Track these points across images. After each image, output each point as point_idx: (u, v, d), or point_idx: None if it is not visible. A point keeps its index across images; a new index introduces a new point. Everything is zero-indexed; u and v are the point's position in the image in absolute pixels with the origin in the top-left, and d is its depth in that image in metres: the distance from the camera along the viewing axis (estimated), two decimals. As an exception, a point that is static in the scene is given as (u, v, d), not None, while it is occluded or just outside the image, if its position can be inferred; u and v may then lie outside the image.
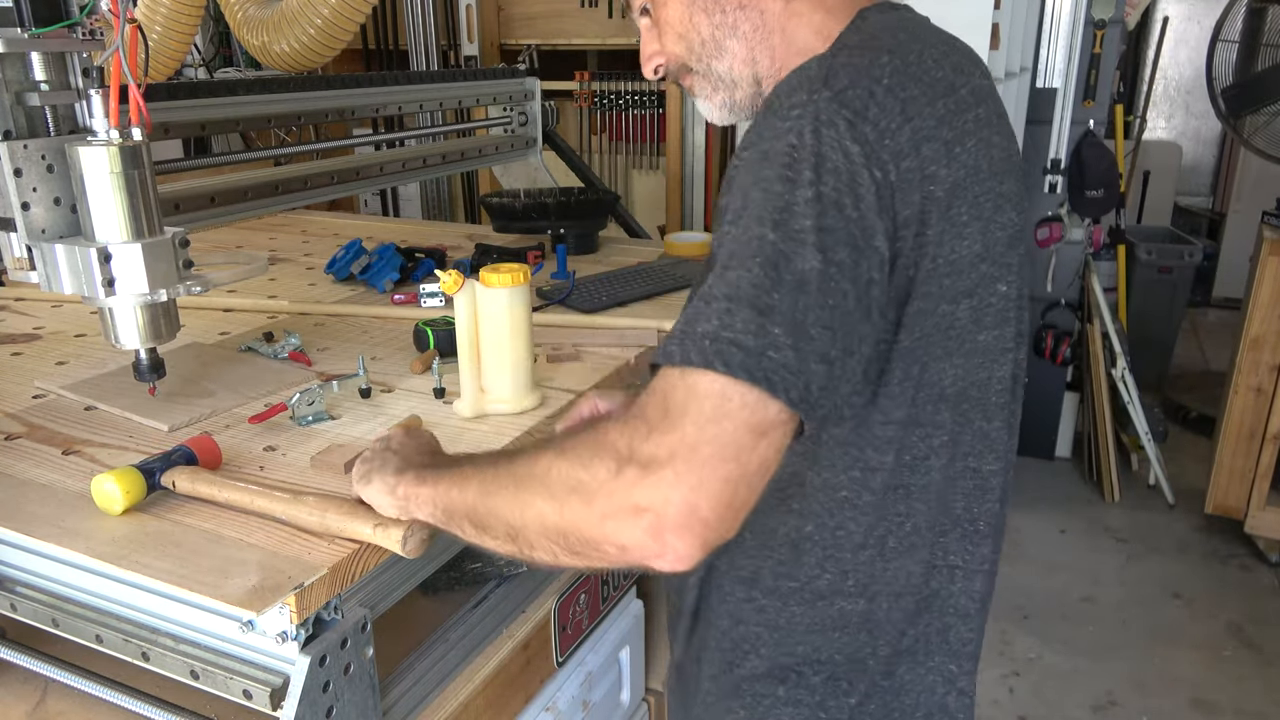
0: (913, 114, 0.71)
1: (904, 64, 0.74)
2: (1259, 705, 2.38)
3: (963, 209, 0.74)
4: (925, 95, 0.73)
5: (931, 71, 0.75)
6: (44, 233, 1.04)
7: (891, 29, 0.79)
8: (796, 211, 0.66)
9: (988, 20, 2.27)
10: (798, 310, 0.64)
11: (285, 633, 0.80)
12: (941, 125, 0.73)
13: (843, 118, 0.68)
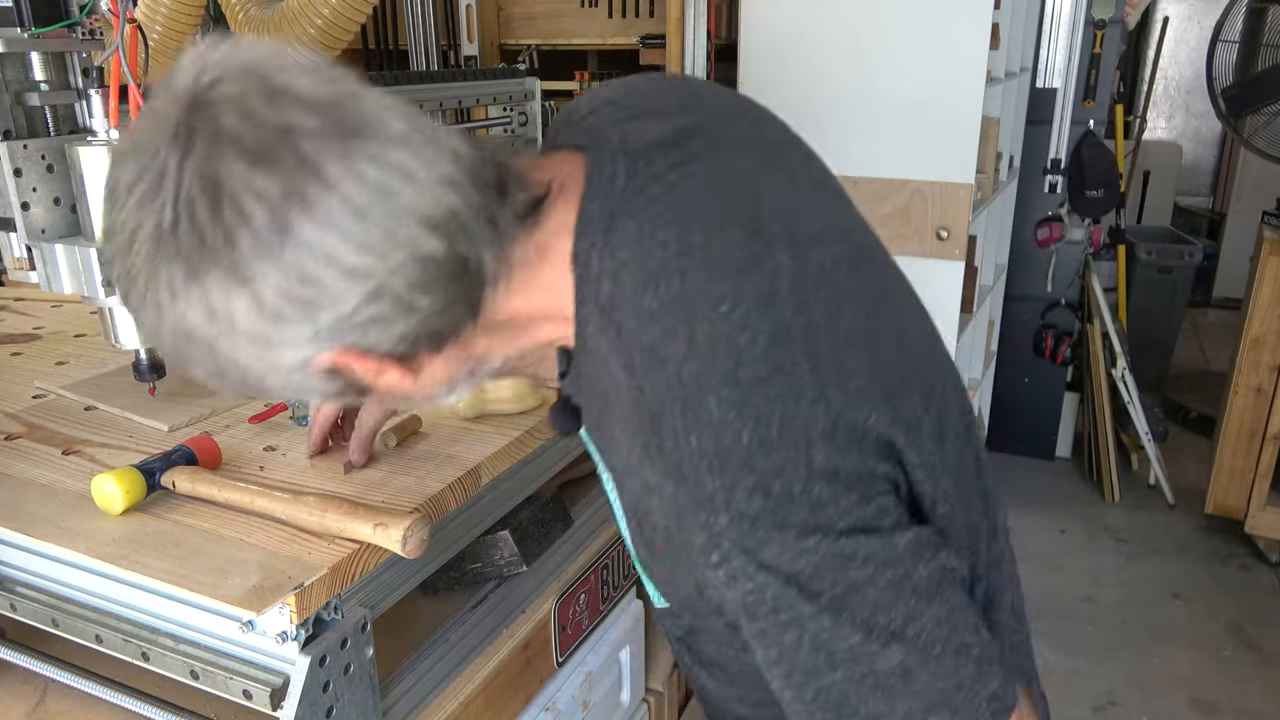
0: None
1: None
2: (1259, 705, 2.38)
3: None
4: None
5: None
6: (44, 233, 1.04)
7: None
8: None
9: (988, 20, 2.28)
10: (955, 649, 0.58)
11: (285, 633, 0.80)
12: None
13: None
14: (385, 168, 0.54)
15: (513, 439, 1.08)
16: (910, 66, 2.36)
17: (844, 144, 2.48)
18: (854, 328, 0.61)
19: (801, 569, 0.56)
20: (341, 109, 0.54)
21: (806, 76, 2.49)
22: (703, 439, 0.56)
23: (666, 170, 0.64)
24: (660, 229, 0.61)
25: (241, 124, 0.51)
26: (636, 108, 0.71)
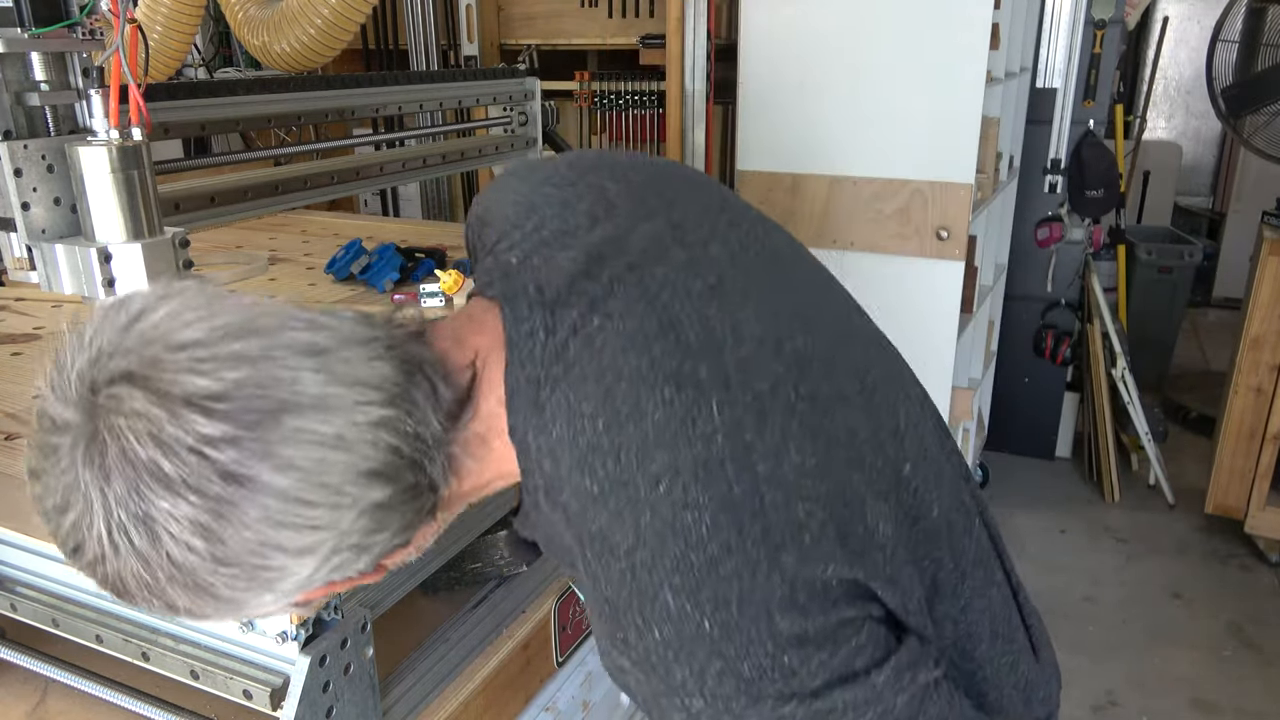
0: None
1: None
2: (1259, 705, 2.38)
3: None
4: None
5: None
6: (44, 233, 1.03)
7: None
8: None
9: (988, 20, 2.28)
10: None
11: (285, 633, 0.80)
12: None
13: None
14: (312, 444, 0.52)
15: (513, 439, 1.08)
16: (910, 66, 2.36)
17: (844, 144, 2.48)
18: (800, 466, 0.59)
19: None
20: (246, 391, 0.51)
21: (806, 76, 2.49)
22: (664, 632, 0.56)
23: (584, 317, 0.62)
24: (585, 400, 0.60)
25: (154, 452, 0.49)
26: (543, 227, 0.69)
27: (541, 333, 0.62)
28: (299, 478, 0.51)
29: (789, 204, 2.55)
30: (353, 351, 0.55)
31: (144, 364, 0.51)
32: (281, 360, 0.52)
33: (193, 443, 0.50)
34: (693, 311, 0.63)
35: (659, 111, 3.29)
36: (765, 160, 2.59)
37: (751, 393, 0.60)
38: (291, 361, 0.52)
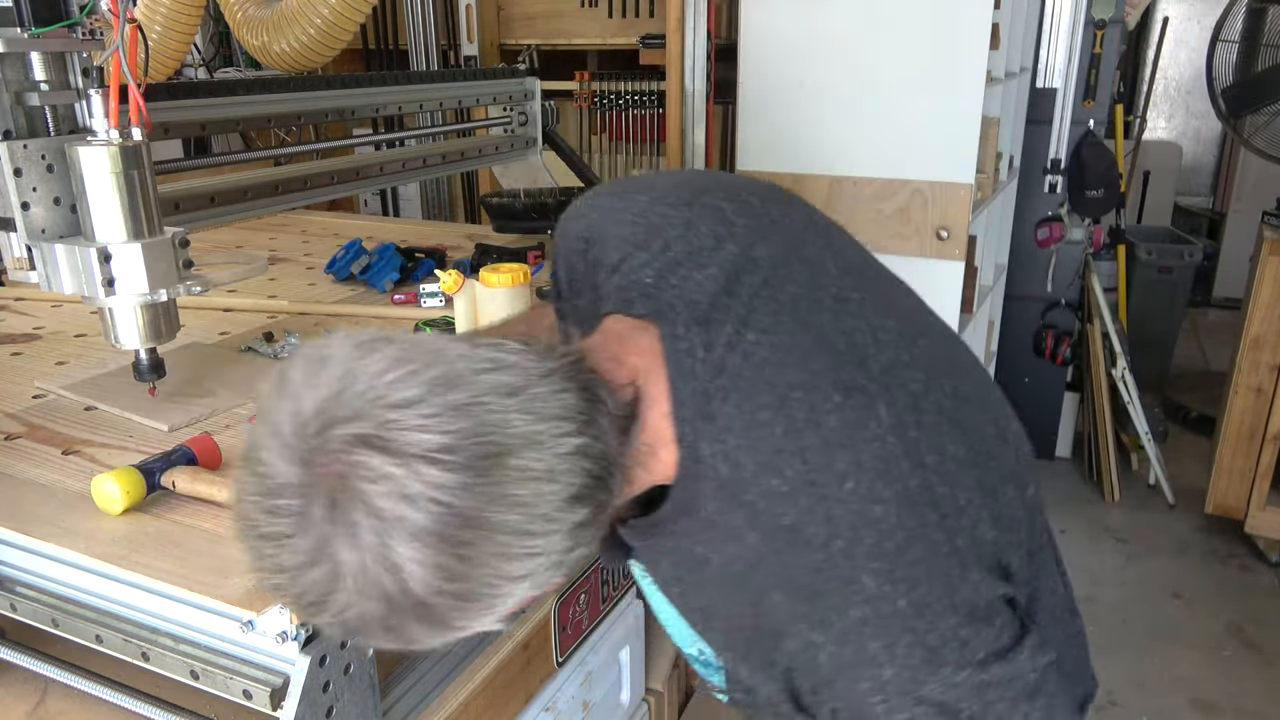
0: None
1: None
2: (1259, 705, 2.38)
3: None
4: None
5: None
6: (44, 233, 1.04)
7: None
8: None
9: (988, 20, 2.27)
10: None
11: (285, 633, 0.80)
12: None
13: None
14: (530, 480, 0.56)
15: (513, 439, 1.08)
16: (910, 66, 2.36)
17: (844, 144, 2.48)
18: (957, 457, 0.66)
19: (950, 699, 0.63)
20: (471, 439, 0.54)
21: (806, 76, 2.49)
22: (863, 611, 0.63)
23: (737, 332, 0.67)
24: (760, 410, 0.65)
25: (400, 508, 0.52)
26: (670, 248, 0.72)
27: (700, 349, 0.67)
28: (523, 513, 0.55)
29: (789, 204, 2.54)
30: (543, 386, 0.59)
31: (376, 426, 0.53)
32: (490, 405, 0.56)
33: (433, 494, 0.53)
34: (831, 322, 0.69)
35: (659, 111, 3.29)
36: (765, 160, 2.59)
37: (907, 393, 0.67)
38: (497, 405, 0.56)
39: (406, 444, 0.53)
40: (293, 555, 0.54)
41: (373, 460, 0.53)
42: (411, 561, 0.53)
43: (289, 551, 0.55)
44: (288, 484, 0.54)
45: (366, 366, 0.56)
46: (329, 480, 0.53)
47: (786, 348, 0.67)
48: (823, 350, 0.67)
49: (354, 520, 0.53)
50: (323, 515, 0.53)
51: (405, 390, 0.54)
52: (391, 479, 0.52)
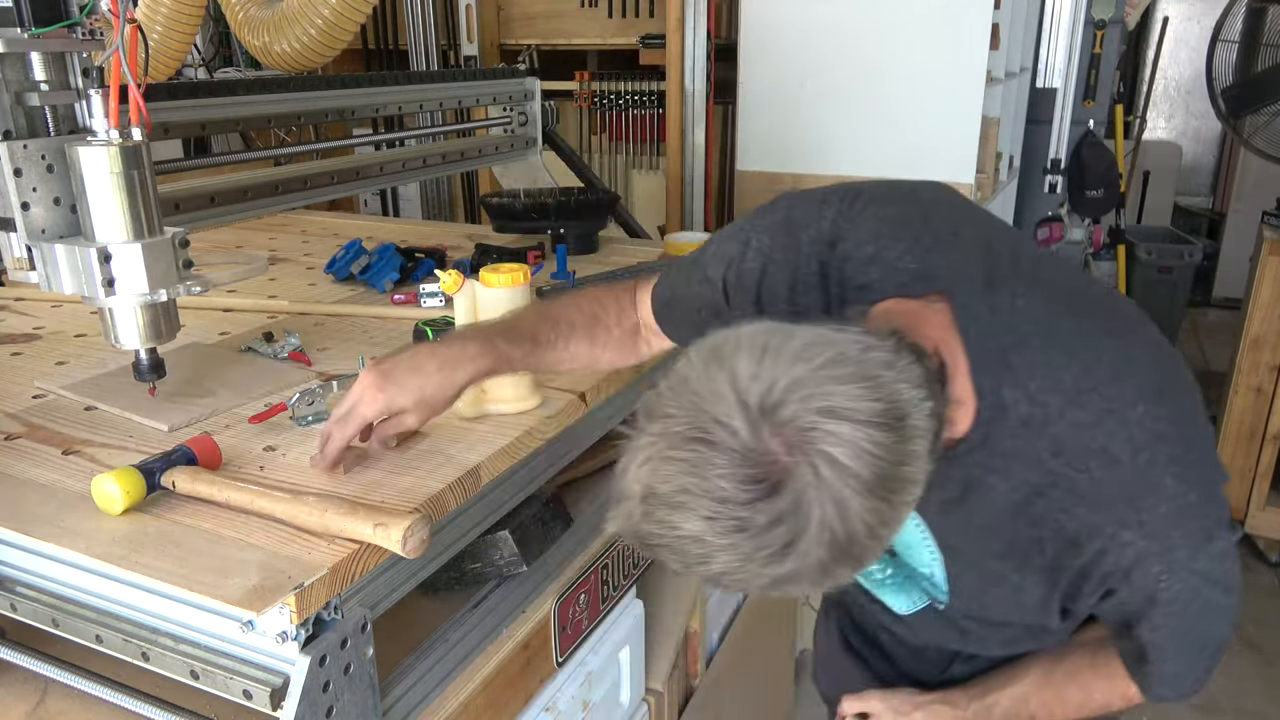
0: None
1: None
2: (1259, 705, 2.38)
3: None
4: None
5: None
6: (44, 233, 1.04)
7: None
8: None
9: (988, 20, 2.28)
10: None
11: (285, 633, 0.80)
12: None
13: None
14: (918, 438, 0.65)
15: (513, 439, 1.08)
16: (910, 66, 2.36)
17: (844, 144, 2.48)
18: (1191, 385, 0.83)
19: (1210, 567, 0.80)
20: (891, 404, 0.64)
21: (806, 76, 2.49)
22: (1169, 507, 0.77)
23: (1012, 296, 0.80)
24: (1054, 356, 0.78)
25: (852, 463, 0.62)
26: (920, 241, 0.84)
27: (987, 313, 0.79)
28: (917, 465, 0.66)
29: (789, 204, 2.54)
30: (902, 360, 0.67)
31: (826, 399, 0.63)
32: (885, 378, 0.65)
33: (875, 451, 0.63)
34: (1069, 284, 0.85)
35: (659, 111, 3.29)
36: (765, 160, 2.59)
37: (1148, 333, 0.84)
38: (888, 376, 0.66)
39: (854, 410, 0.62)
40: (763, 514, 0.62)
41: (830, 425, 0.62)
42: (862, 509, 0.62)
43: (759, 512, 0.62)
44: (759, 451, 0.62)
45: (799, 353, 0.65)
46: (797, 447, 0.62)
47: (1050, 305, 0.81)
48: (1077, 307, 0.82)
49: (820, 478, 0.62)
50: (792, 476, 0.62)
51: (836, 369, 0.64)
52: (848, 442, 0.62)
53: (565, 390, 1.21)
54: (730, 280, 0.93)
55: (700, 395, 0.65)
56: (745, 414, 0.63)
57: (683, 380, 0.67)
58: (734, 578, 0.65)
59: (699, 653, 1.68)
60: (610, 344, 1.06)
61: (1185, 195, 5.81)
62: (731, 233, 0.96)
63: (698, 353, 0.68)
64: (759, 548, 0.63)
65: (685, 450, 0.64)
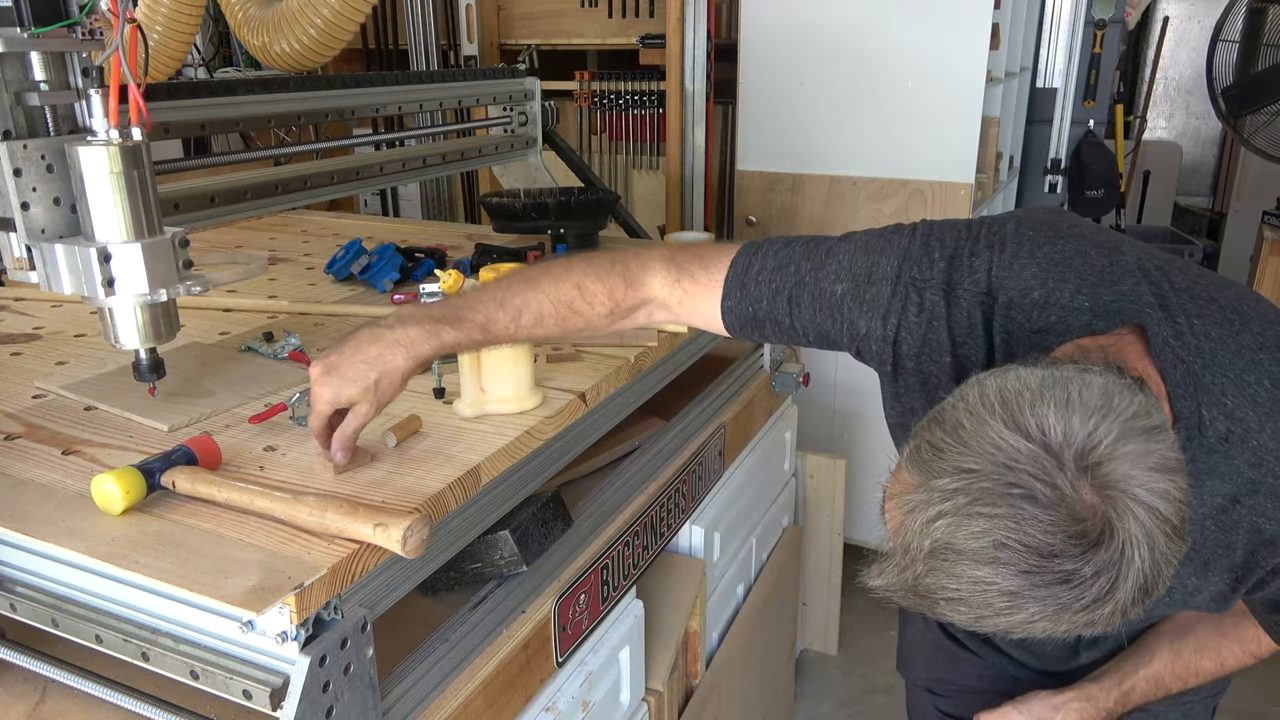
0: None
1: None
2: (1259, 705, 2.38)
3: None
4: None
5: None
6: (44, 233, 1.03)
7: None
8: None
9: (988, 20, 2.27)
10: None
11: (285, 633, 0.80)
12: None
13: None
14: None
15: (513, 439, 1.08)
16: (910, 67, 2.36)
17: (844, 144, 2.48)
18: None
19: None
20: (1176, 454, 0.67)
21: (807, 76, 2.49)
22: None
23: (1187, 319, 0.82)
24: (1244, 373, 0.80)
25: (1159, 504, 0.64)
26: (1085, 275, 0.85)
27: (1173, 338, 0.81)
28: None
29: (789, 204, 2.55)
30: (1140, 395, 0.70)
31: (1148, 451, 0.65)
32: (1163, 422, 0.68)
33: (1182, 498, 0.66)
34: (1223, 296, 0.85)
35: (659, 111, 3.29)
36: (765, 160, 2.59)
37: None
38: (1160, 419, 0.68)
39: (1165, 460, 0.65)
40: (1090, 566, 0.64)
41: (1145, 476, 0.64)
42: (1169, 553, 0.65)
43: (1087, 564, 0.64)
44: (1082, 505, 0.64)
45: (1101, 404, 0.67)
46: (1116, 499, 0.64)
47: (1223, 323, 0.82)
48: (1243, 318, 0.83)
49: (1143, 527, 0.64)
50: (1115, 528, 0.63)
51: (1138, 421, 0.66)
52: (1160, 491, 0.65)
53: (565, 390, 1.21)
54: (895, 335, 0.92)
55: (1006, 452, 0.65)
56: (1064, 469, 0.64)
57: (974, 432, 0.67)
58: (1035, 625, 0.67)
59: (699, 653, 1.68)
60: (590, 328, 1.03)
61: (1185, 195, 5.81)
62: (868, 277, 0.93)
63: (978, 400, 0.69)
64: (1078, 598, 0.64)
65: (1001, 506, 0.64)
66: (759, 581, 2.01)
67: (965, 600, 0.67)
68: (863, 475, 2.57)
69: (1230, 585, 0.87)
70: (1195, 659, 1.03)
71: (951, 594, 0.67)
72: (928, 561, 0.67)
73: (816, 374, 2.54)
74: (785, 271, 0.96)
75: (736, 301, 0.99)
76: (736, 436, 1.80)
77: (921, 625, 1.32)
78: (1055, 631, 0.67)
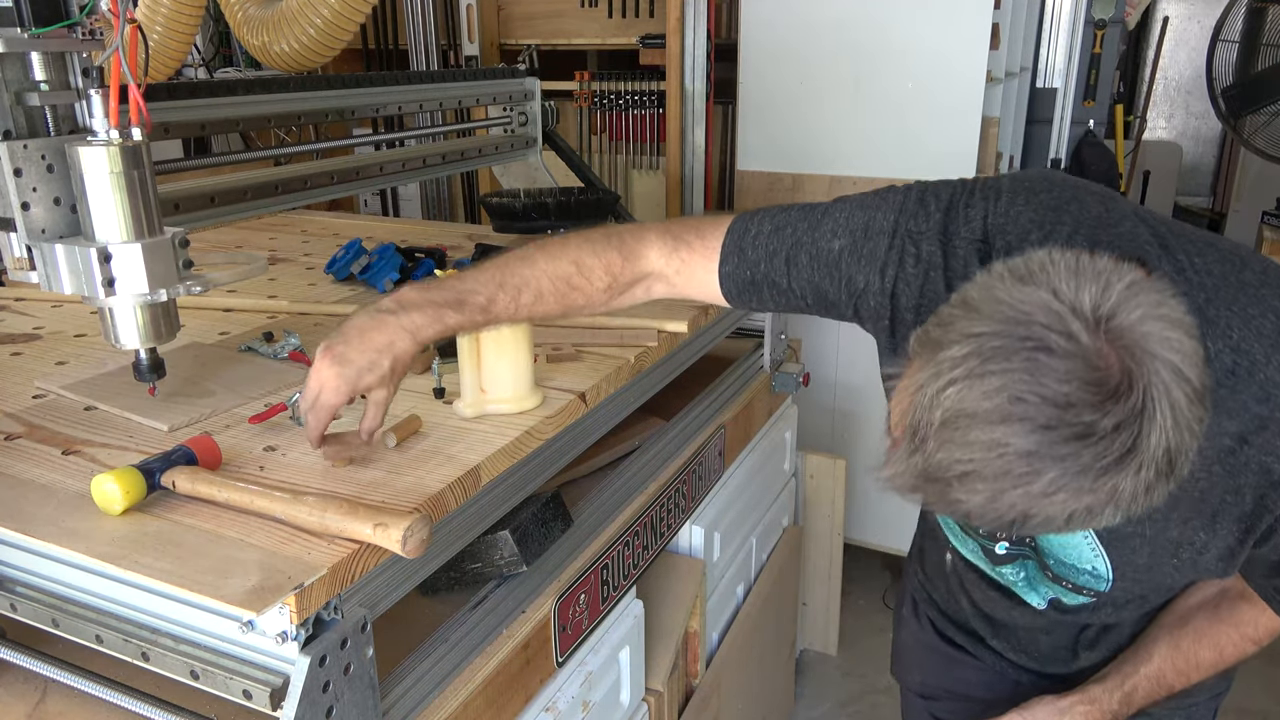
0: None
1: None
2: (1259, 705, 2.38)
3: None
4: None
5: None
6: (44, 233, 1.03)
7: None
8: None
9: (988, 20, 2.27)
10: None
11: (285, 633, 0.80)
12: None
13: None
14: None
15: (513, 439, 1.08)
16: (910, 67, 2.36)
17: (844, 144, 2.48)
18: None
19: None
20: (1191, 320, 0.66)
21: (806, 77, 2.49)
22: None
23: (1189, 257, 0.81)
24: (1248, 306, 0.79)
25: (1177, 358, 0.63)
26: (1083, 218, 0.84)
27: (1175, 273, 0.79)
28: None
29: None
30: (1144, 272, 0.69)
31: (1165, 308, 0.65)
32: (1159, 285, 0.67)
33: (1202, 365, 0.64)
34: (1227, 247, 0.84)
35: (659, 111, 3.29)
36: (765, 160, 2.59)
37: None
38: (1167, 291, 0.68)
39: (1181, 320, 0.64)
40: (1110, 417, 0.61)
41: (1166, 331, 0.63)
42: (1191, 419, 0.63)
43: (1107, 415, 0.61)
44: (1101, 355, 0.62)
45: (1114, 271, 0.65)
46: (1134, 352, 0.62)
47: (1223, 262, 0.81)
48: (1243, 259, 0.82)
49: (1162, 380, 0.62)
50: (1135, 378, 0.61)
51: (1152, 285, 0.65)
52: (1181, 349, 0.63)
53: (565, 390, 1.21)
54: (893, 288, 0.90)
55: (1017, 308, 0.63)
56: (1079, 318, 0.62)
57: (983, 298, 0.65)
58: (1055, 500, 0.63)
59: (699, 653, 1.68)
60: (590, 304, 1.03)
61: (1185, 195, 5.81)
62: (864, 231, 0.92)
63: (995, 279, 0.67)
64: (1098, 456, 0.61)
65: (1015, 360, 0.62)
66: (759, 581, 2.01)
67: (980, 473, 0.63)
68: (863, 475, 2.57)
69: (1239, 537, 0.85)
70: (1194, 649, 1.02)
71: (965, 467, 0.63)
72: (938, 435, 0.64)
73: (816, 374, 2.54)
74: (782, 234, 0.96)
75: (734, 266, 0.98)
76: (736, 436, 1.80)
77: (915, 628, 1.31)
78: (1077, 511, 0.64)
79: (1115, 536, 0.91)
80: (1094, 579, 0.96)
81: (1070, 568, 0.97)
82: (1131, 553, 0.92)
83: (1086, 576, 0.97)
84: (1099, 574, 0.95)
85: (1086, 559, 0.95)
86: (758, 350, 1.95)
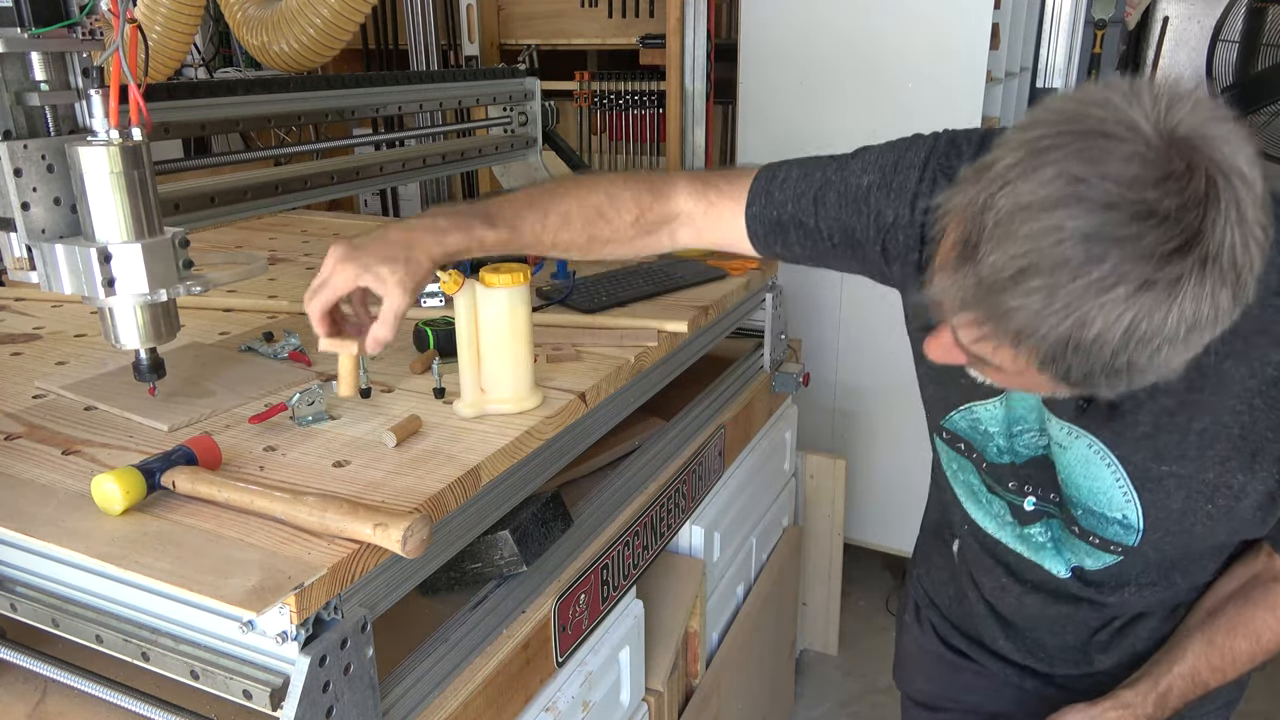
0: None
1: None
2: (1259, 705, 2.38)
3: None
4: None
5: None
6: (44, 233, 1.04)
7: None
8: None
9: (988, 20, 2.28)
10: None
11: (285, 633, 0.80)
12: None
13: None
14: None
15: (513, 439, 1.08)
16: (910, 67, 2.36)
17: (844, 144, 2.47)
18: None
19: None
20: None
21: (806, 77, 2.49)
22: None
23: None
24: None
25: (1242, 162, 0.60)
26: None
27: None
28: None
29: (789, 204, 2.54)
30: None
31: (1223, 121, 0.62)
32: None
33: (1261, 177, 0.62)
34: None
35: (659, 111, 3.29)
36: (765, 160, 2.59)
37: None
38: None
39: (1239, 133, 0.61)
40: (1173, 196, 0.58)
41: (1228, 134, 0.61)
42: (1255, 223, 0.60)
43: (1169, 194, 0.58)
44: (1164, 146, 0.59)
45: (1172, 88, 0.62)
46: (1197, 153, 0.59)
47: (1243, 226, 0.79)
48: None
49: (1227, 177, 0.59)
50: (1198, 166, 0.59)
51: (1184, 97, 0.62)
52: (1244, 154, 0.61)
53: (565, 390, 1.21)
54: (924, 219, 0.88)
55: (1069, 107, 0.61)
56: (1143, 112, 0.60)
57: (1036, 113, 0.62)
58: (1112, 295, 0.59)
59: (699, 653, 1.68)
60: (615, 240, 1.03)
61: (1185, 195, 5.80)
62: (894, 167, 0.93)
63: (1051, 107, 0.64)
64: (1161, 240, 0.58)
65: (1071, 147, 0.59)
66: (759, 581, 2.01)
67: (1036, 265, 0.59)
68: (863, 475, 2.57)
69: (1279, 479, 0.82)
70: (1229, 641, 0.98)
71: (1020, 263, 0.59)
72: (991, 236, 0.60)
73: (816, 374, 2.54)
74: (811, 177, 0.99)
75: (761, 207, 1.00)
76: (736, 436, 1.80)
77: (918, 634, 1.30)
78: (1137, 316, 0.59)
79: (1148, 477, 0.87)
80: (1124, 529, 0.92)
81: (1100, 517, 0.93)
82: (1165, 496, 0.88)
83: (1116, 528, 0.93)
84: (1129, 523, 0.91)
85: (1117, 505, 0.91)
86: (758, 350, 1.95)
